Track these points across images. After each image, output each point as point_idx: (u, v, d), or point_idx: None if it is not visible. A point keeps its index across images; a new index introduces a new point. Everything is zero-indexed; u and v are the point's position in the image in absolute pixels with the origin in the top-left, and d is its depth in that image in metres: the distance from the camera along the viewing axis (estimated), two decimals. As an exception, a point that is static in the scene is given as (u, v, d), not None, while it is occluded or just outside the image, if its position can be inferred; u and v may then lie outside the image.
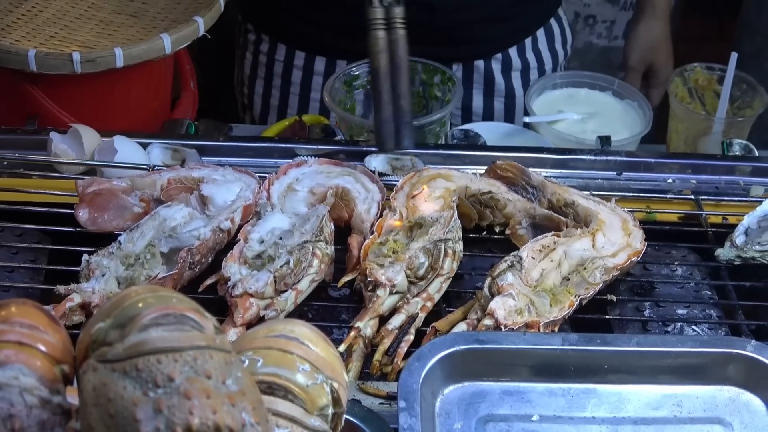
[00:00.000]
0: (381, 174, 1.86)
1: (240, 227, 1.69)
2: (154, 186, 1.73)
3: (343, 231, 1.74)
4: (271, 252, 1.61)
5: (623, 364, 1.40)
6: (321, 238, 1.64)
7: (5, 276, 1.66)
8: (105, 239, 1.66)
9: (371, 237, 1.68)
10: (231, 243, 1.67)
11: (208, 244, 1.64)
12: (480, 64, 2.40)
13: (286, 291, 1.58)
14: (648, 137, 2.17)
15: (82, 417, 0.99)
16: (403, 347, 1.52)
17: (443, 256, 1.63)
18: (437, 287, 1.62)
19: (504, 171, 1.82)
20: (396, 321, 1.56)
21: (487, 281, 1.59)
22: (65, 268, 1.64)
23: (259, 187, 1.75)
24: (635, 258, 1.68)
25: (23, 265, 1.68)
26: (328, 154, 1.90)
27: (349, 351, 1.51)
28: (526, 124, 2.18)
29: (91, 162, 1.85)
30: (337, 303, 1.66)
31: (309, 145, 1.94)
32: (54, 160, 1.86)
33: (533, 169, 1.83)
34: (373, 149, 1.92)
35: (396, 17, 1.74)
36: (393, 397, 1.40)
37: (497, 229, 1.80)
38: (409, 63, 2.10)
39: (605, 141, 2.02)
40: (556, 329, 1.56)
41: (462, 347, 1.38)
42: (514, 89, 2.43)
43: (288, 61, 2.40)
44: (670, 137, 2.25)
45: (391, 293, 1.59)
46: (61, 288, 1.54)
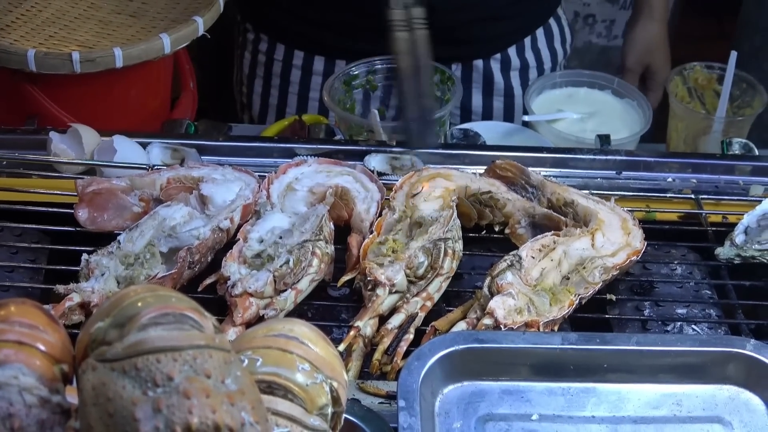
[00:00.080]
0: (380, 173, 1.86)
1: (239, 227, 1.69)
2: (153, 185, 1.73)
3: (343, 230, 1.74)
4: (271, 251, 1.61)
5: (623, 363, 1.40)
6: (320, 237, 1.64)
7: (5, 275, 1.66)
8: (104, 239, 1.66)
9: (371, 236, 1.68)
10: (230, 242, 1.67)
11: (207, 243, 1.64)
12: (479, 63, 2.40)
13: (285, 290, 1.58)
14: (647, 136, 2.17)
15: (81, 416, 0.99)
16: (403, 346, 1.52)
17: (443, 255, 1.63)
18: (437, 286, 1.62)
19: (503, 170, 1.82)
20: (395, 320, 1.56)
21: (487, 280, 1.59)
22: (65, 267, 1.64)
23: (259, 187, 1.75)
24: (635, 257, 1.68)
25: (23, 265, 1.68)
26: (327, 153, 1.90)
27: (349, 350, 1.52)
28: (525, 123, 2.18)
29: (91, 162, 1.85)
30: (337, 302, 1.66)
31: (308, 145, 1.94)
32: (53, 159, 1.86)
33: (533, 169, 1.83)
34: (373, 149, 1.92)
35: (416, 18, 1.76)
36: (392, 397, 1.40)
37: (497, 229, 1.80)
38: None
39: (605, 140, 2.02)
40: (555, 328, 1.56)
41: (461, 346, 1.38)
42: (513, 88, 2.43)
43: (287, 61, 2.41)
44: (669, 136, 2.25)
45: (391, 292, 1.59)
46: (61, 287, 1.55)
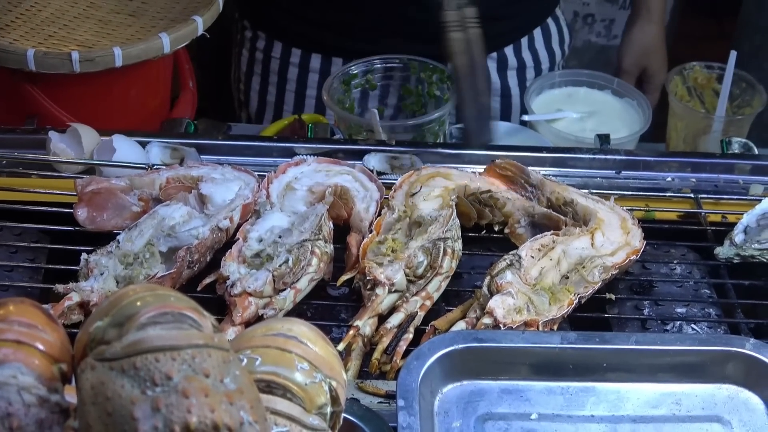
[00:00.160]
0: (380, 173, 1.86)
1: (239, 226, 1.69)
2: (152, 185, 1.73)
3: (342, 230, 1.74)
4: (270, 251, 1.61)
5: (622, 362, 1.40)
6: (320, 236, 1.64)
7: (4, 275, 1.66)
8: (104, 238, 1.66)
9: (370, 236, 1.68)
10: (230, 242, 1.67)
11: (206, 243, 1.64)
12: None
13: (285, 290, 1.58)
14: (647, 136, 2.17)
15: (80, 415, 0.99)
16: (402, 346, 1.52)
17: (442, 254, 1.63)
18: (436, 286, 1.62)
19: (503, 170, 1.82)
20: (395, 320, 1.56)
21: (486, 280, 1.59)
22: (64, 267, 1.64)
23: (258, 186, 1.75)
24: (634, 257, 1.68)
25: (22, 264, 1.68)
26: (326, 152, 1.90)
27: (348, 350, 1.52)
28: (525, 122, 2.18)
29: (90, 161, 1.85)
30: (336, 302, 1.66)
31: (308, 144, 1.94)
32: (53, 159, 1.86)
33: (532, 168, 1.83)
34: (372, 148, 1.92)
35: (469, 17, 1.79)
36: (392, 396, 1.40)
37: (496, 228, 1.80)
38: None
39: (604, 139, 2.02)
40: (555, 328, 1.56)
41: (461, 346, 1.38)
42: (509, 88, 2.43)
43: (284, 59, 2.41)
44: (669, 136, 2.25)
45: (390, 292, 1.59)
46: (60, 287, 1.55)
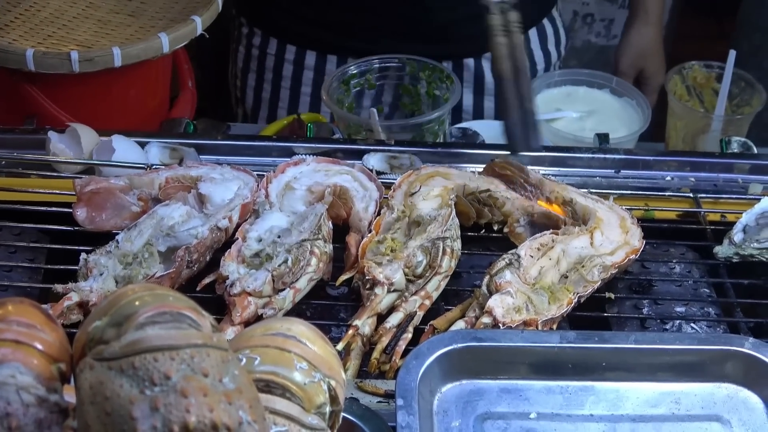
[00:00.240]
0: (379, 172, 1.86)
1: (238, 226, 1.69)
2: (152, 185, 1.73)
3: (342, 229, 1.74)
4: (269, 250, 1.61)
5: (621, 361, 1.40)
6: (319, 236, 1.64)
7: (4, 275, 1.66)
8: (103, 238, 1.66)
9: (369, 235, 1.68)
10: (229, 242, 1.67)
11: (206, 242, 1.64)
12: (470, 62, 2.40)
13: (284, 289, 1.58)
14: (646, 135, 2.17)
15: (79, 415, 0.99)
16: (401, 345, 1.52)
17: (441, 254, 1.63)
18: (435, 285, 1.62)
19: (502, 169, 1.82)
20: (394, 319, 1.56)
21: (486, 279, 1.59)
22: (63, 267, 1.64)
23: (257, 186, 1.75)
24: (633, 256, 1.68)
25: (21, 264, 1.68)
26: (326, 152, 1.90)
27: (348, 349, 1.52)
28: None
29: (89, 161, 1.85)
30: (336, 301, 1.66)
31: (307, 144, 1.95)
32: (52, 159, 1.86)
33: (531, 167, 1.83)
34: (371, 147, 1.92)
35: (513, 21, 1.75)
36: (391, 395, 1.40)
37: (495, 227, 1.80)
38: (413, 62, 2.13)
39: (603, 139, 2.02)
40: (554, 327, 1.56)
41: (460, 345, 1.38)
42: None
43: (279, 55, 2.41)
44: (668, 135, 2.25)
45: (389, 291, 1.59)
46: (59, 287, 1.55)
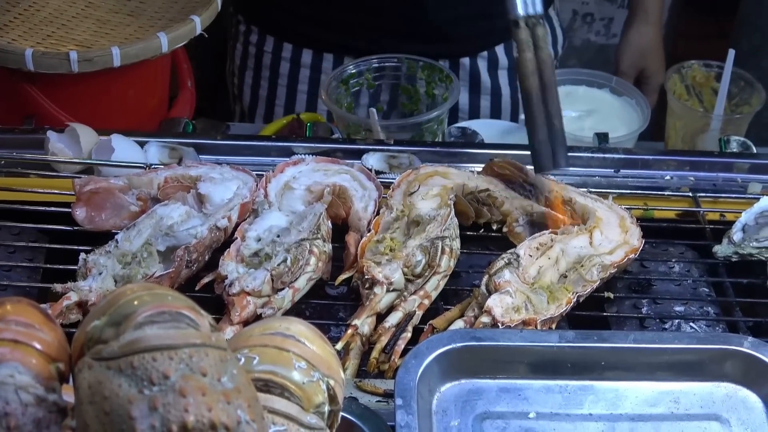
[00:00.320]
0: (378, 172, 1.86)
1: (237, 225, 1.69)
2: (151, 184, 1.73)
3: (341, 229, 1.74)
4: (269, 250, 1.61)
5: (620, 360, 1.40)
6: (318, 235, 1.64)
7: (3, 275, 1.66)
8: (102, 238, 1.66)
9: (368, 235, 1.68)
10: (228, 241, 1.67)
11: (205, 242, 1.64)
12: (466, 61, 2.40)
13: (283, 289, 1.58)
14: (646, 134, 2.17)
15: (77, 415, 0.99)
16: (401, 345, 1.52)
17: (440, 253, 1.63)
18: (434, 285, 1.62)
19: (501, 168, 1.82)
20: (393, 319, 1.56)
21: (485, 279, 1.59)
22: (62, 266, 1.64)
23: (257, 185, 1.75)
24: (632, 255, 1.68)
25: (21, 264, 1.68)
26: (325, 152, 1.90)
27: (347, 349, 1.52)
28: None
29: (89, 161, 1.85)
30: (335, 301, 1.66)
31: (306, 143, 1.95)
32: (51, 158, 1.86)
33: (530, 167, 1.83)
34: (371, 147, 1.92)
35: (540, 37, 1.69)
36: (390, 395, 1.40)
37: (494, 227, 1.80)
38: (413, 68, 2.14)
39: (603, 138, 2.02)
40: (553, 326, 1.56)
41: (459, 344, 1.38)
42: (500, 87, 2.42)
43: (276, 53, 2.41)
44: (667, 134, 2.25)
45: (389, 291, 1.59)
46: (58, 286, 1.55)
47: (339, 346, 1.48)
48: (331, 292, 1.67)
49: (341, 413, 1.17)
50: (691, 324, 1.64)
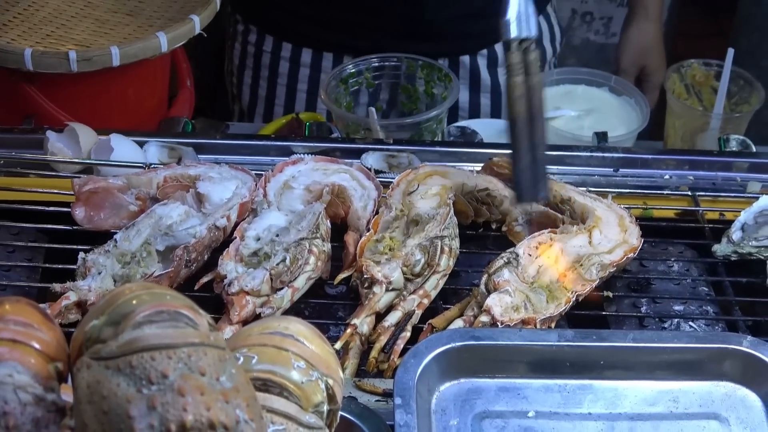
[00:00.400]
0: (377, 171, 1.86)
1: (236, 225, 1.69)
2: (150, 184, 1.73)
3: (340, 228, 1.74)
4: (268, 249, 1.61)
5: (619, 360, 1.40)
6: (317, 235, 1.64)
7: (2, 274, 1.66)
8: (101, 237, 1.66)
9: (367, 234, 1.68)
10: (227, 241, 1.67)
11: (204, 241, 1.64)
12: (465, 59, 2.40)
13: (282, 288, 1.58)
14: (645, 133, 2.17)
15: (76, 414, 0.99)
16: (400, 344, 1.52)
17: (439, 253, 1.63)
18: (434, 284, 1.62)
19: (500, 168, 1.82)
20: (392, 318, 1.56)
21: (484, 278, 1.59)
22: (62, 266, 1.64)
23: (256, 185, 1.75)
24: (632, 254, 1.68)
25: (20, 264, 1.68)
26: (324, 151, 1.90)
27: (346, 348, 1.52)
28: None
29: (88, 161, 1.85)
30: (334, 300, 1.66)
31: (305, 143, 1.95)
32: (50, 158, 1.86)
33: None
34: (370, 146, 1.92)
35: (533, 62, 1.62)
36: (389, 394, 1.40)
37: (494, 226, 1.80)
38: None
39: (602, 137, 2.02)
40: (552, 325, 1.56)
41: (458, 344, 1.38)
42: (500, 85, 2.42)
43: (275, 53, 2.41)
44: (667, 133, 2.25)
45: (388, 290, 1.59)
46: (58, 286, 1.55)
47: (338, 345, 1.48)
48: (330, 291, 1.67)
49: (340, 412, 1.17)
50: (691, 323, 1.64)
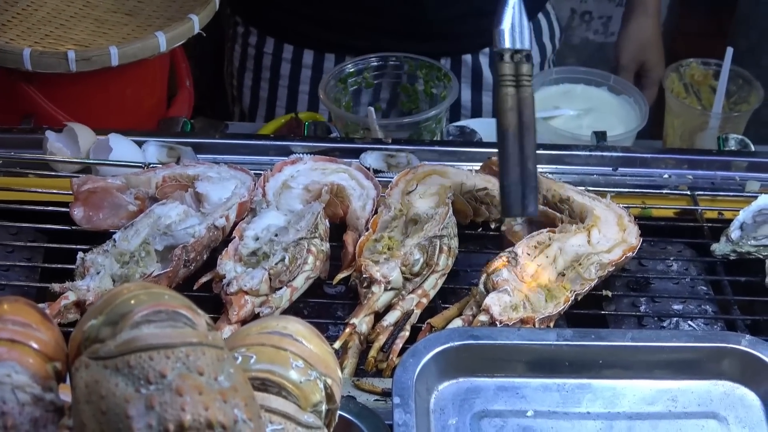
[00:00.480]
0: (376, 171, 1.86)
1: (235, 224, 1.69)
2: (149, 184, 1.73)
3: (339, 228, 1.74)
4: (266, 249, 1.61)
5: (618, 359, 1.40)
6: (316, 235, 1.64)
7: (1, 274, 1.66)
8: (100, 237, 1.66)
9: (366, 234, 1.68)
10: (226, 240, 1.67)
11: (203, 241, 1.64)
12: (468, 58, 2.40)
13: (281, 288, 1.58)
14: (644, 133, 2.16)
15: (74, 414, 0.99)
16: (398, 344, 1.52)
17: (438, 252, 1.63)
18: (432, 283, 1.62)
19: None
20: (391, 317, 1.56)
21: (483, 277, 1.59)
22: (60, 266, 1.64)
23: (255, 185, 1.75)
24: (630, 253, 1.68)
25: (19, 264, 1.68)
26: (323, 151, 1.90)
27: (345, 348, 1.52)
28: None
29: (87, 160, 1.85)
30: (333, 300, 1.66)
31: (304, 143, 1.94)
32: (49, 158, 1.86)
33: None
34: (369, 146, 1.92)
35: (524, 74, 1.60)
36: (388, 394, 1.40)
37: (492, 226, 1.80)
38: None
39: (601, 137, 2.02)
40: (551, 325, 1.56)
41: (457, 343, 1.38)
42: None
43: (276, 54, 2.41)
44: (666, 132, 2.25)
45: (386, 290, 1.59)
46: (56, 286, 1.55)
47: (337, 344, 1.48)
48: (329, 291, 1.67)
49: (339, 412, 1.17)
50: (689, 322, 1.64)
